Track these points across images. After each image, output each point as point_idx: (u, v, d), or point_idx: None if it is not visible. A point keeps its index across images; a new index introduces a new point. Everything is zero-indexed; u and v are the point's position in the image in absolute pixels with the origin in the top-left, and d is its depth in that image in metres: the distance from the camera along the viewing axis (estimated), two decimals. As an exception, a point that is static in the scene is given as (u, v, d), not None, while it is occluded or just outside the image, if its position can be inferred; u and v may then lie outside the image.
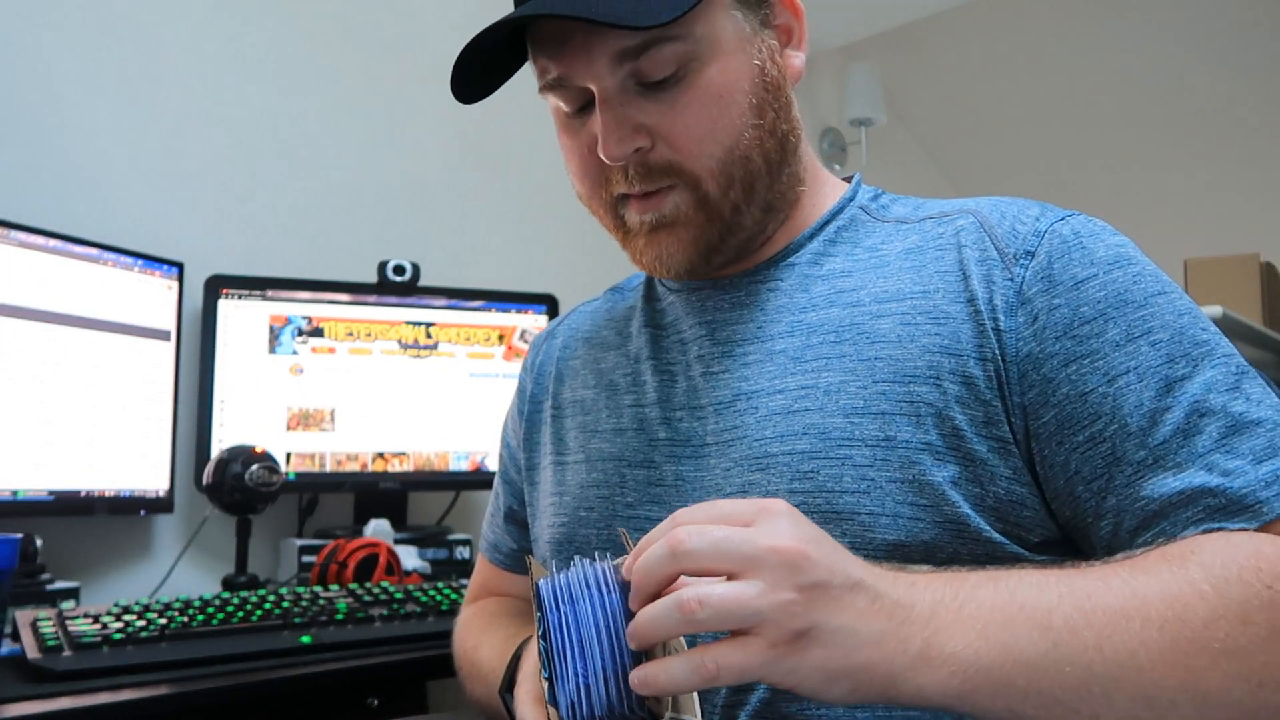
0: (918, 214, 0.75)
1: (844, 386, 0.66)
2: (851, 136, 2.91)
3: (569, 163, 0.74)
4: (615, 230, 0.74)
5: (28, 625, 0.97)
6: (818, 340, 0.69)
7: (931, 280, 0.68)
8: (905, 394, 0.64)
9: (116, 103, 1.50)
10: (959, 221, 0.70)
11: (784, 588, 0.49)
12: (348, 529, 1.55)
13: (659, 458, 0.74)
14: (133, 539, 1.47)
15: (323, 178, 1.73)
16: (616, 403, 0.79)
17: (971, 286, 0.66)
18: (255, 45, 1.67)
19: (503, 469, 0.93)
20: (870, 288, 0.70)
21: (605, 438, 0.78)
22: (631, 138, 0.67)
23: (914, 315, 0.67)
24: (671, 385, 0.76)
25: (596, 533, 0.75)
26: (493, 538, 0.94)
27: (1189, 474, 0.58)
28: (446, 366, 1.64)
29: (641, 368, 0.79)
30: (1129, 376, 0.61)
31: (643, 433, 0.75)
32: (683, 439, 0.73)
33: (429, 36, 1.89)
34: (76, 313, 1.29)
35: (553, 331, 0.93)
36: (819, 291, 0.72)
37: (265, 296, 1.53)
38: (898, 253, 0.71)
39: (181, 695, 0.89)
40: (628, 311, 0.85)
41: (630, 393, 0.79)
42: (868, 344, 0.67)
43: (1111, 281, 0.64)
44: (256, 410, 1.51)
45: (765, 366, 0.70)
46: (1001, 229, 0.68)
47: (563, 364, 0.87)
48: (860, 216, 0.77)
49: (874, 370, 0.66)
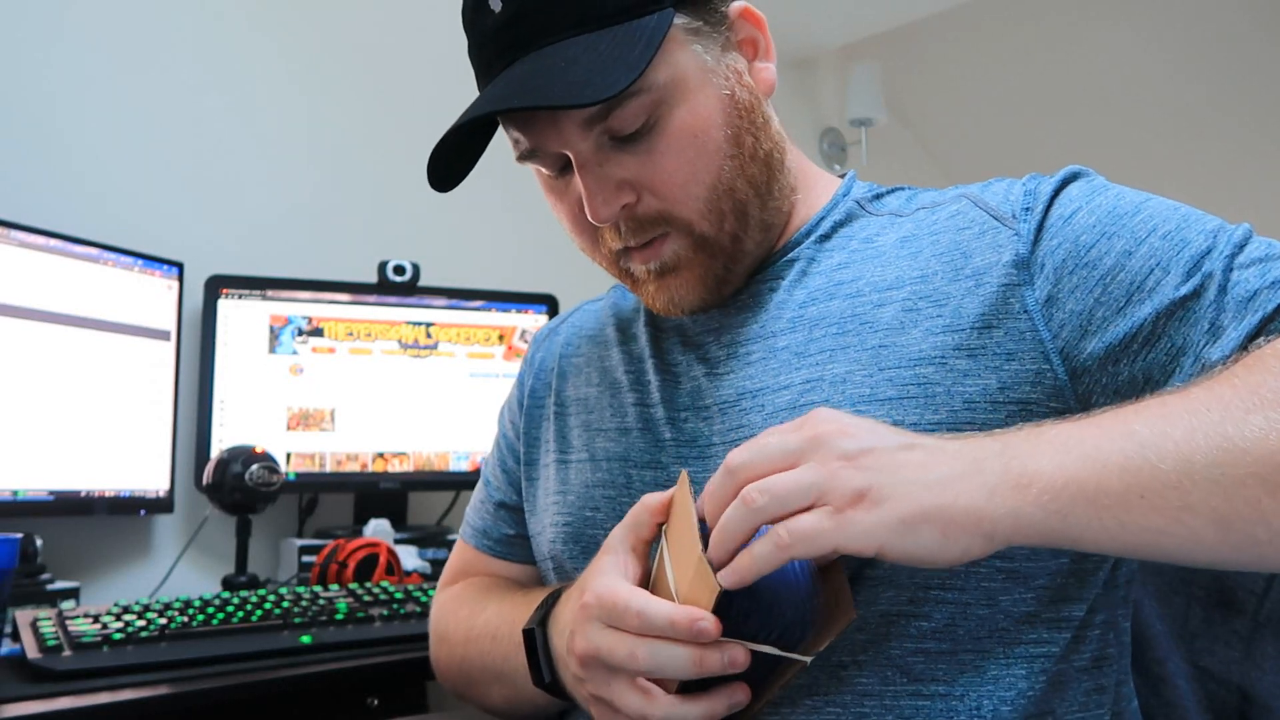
0: (911, 205, 0.75)
1: (850, 376, 0.65)
2: (851, 136, 2.91)
3: (561, 221, 0.75)
4: (623, 279, 0.75)
5: (28, 625, 0.96)
6: (820, 333, 0.69)
7: (929, 264, 0.68)
8: (912, 377, 0.64)
9: (116, 103, 1.50)
10: (952, 207, 0.71)
11: (831, 459, 0.51)
12: (348, 529, 1.55)
13: (665, 459, 0.73)
14: (133, 539, 1.47)
15: (323, 178, 1.73)
16: (620, 401, 0.78)
17: (974, 261, 0.66)
18: (256, 45, 1.67)
19: (498, 458, 0.92)
20: (869, 277, 0.70)
21: (610, 437, 0.77)
22: (616, 196, 0.67)
23: (915, 300, 0.67)
24: (675, 386, 0.75)
25: (604, 533, 0.73)
26: (481, 524, 0.91)
27: (1247, 319, 0.57)
28: (446, 366, 1.64)
29: (645, 367, 0.78)
30: (1156, 273, 0.60)
31: (648, 433, 0.75)
32: (688, 439, 0.72)
33: (429, 36, 1.89)
34: (76, 313, 1.29)
35: (555, 328, 0.92)
36: (817, 285, 0.72)
37: (265, 296, 1.53)
38: (892, 242, 0.71)
39: (181, 695, 0.89)
40: (632, 310, 0.85)
41: (634, 391, 0.78)
42: (870, 332, 0.67)
43: (1098, 206, 0.64)
44: (256, 410, 1.51)
45: (769, 363, 0.70)
46: (994, 200, 0.69)
47: (565, 361, 0.87)
48: (855, 211, 0.77)
49: (879, 358, 0.65)
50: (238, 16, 1.65)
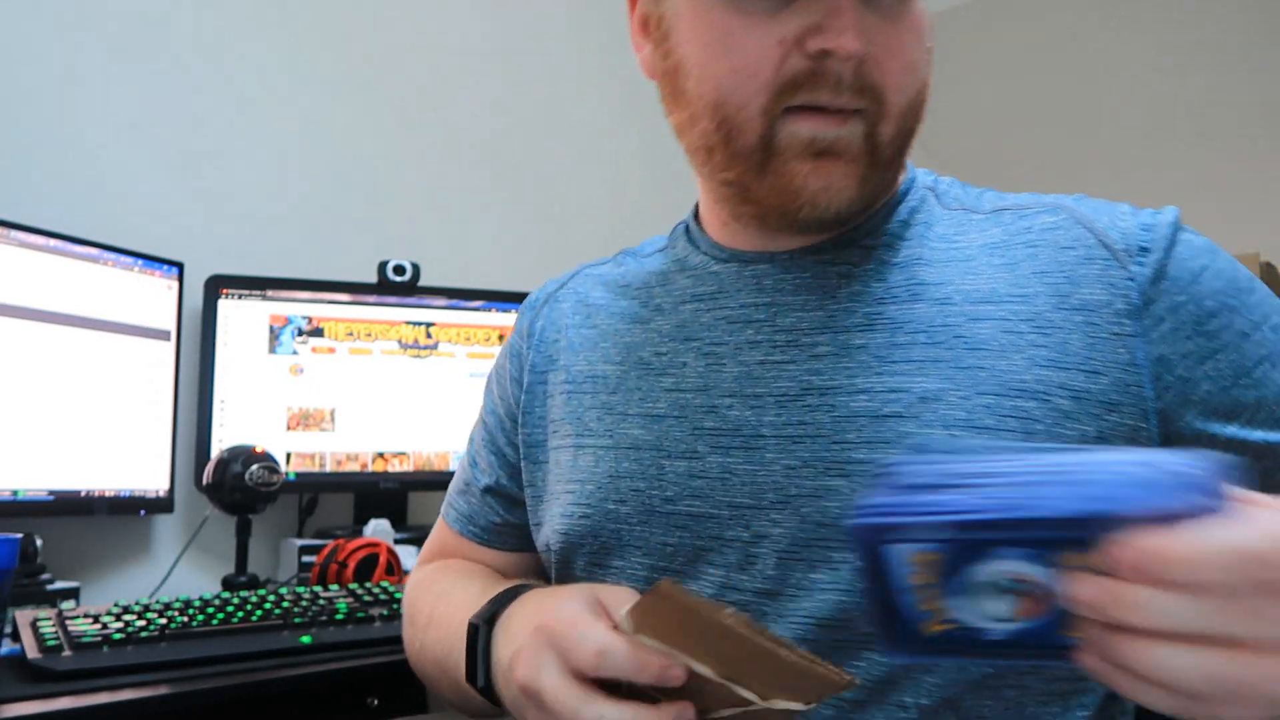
0: (983, 203, 0.70)
1: (942, 395, 0.60)
2: (851, 136, 2.90)
3: (721, 58, 0.62)
4: (752, 152, 0.63)
5: (28, 625, 0.96)
6: (905, 339, 0.63)
7: (1029, 283, 0.63)
8: (1012, 409, 0.59)
9: (116, 102, 1.50)
10: (1045, 218, 0.66)
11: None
12: (348, 529, 1.55)
13: (703, 447, 0.66)
14: (133, 539, 1.47)
15: (323, 178, 1.73)
16: (650, 385, 0.71)
17: (1082, 292, 0.62)
18: (256, 45, 1.67)
19: (486, 438, 0.84)
20: (957, 284, 0.64)
21: (637, 423, 0.70)
22: (866, 40, 0.60)
23: (1015, 322, 0.62)
24: (719, 369, 0.68)
25: (628, 528, 0.68)
26: (467, 509, 0.85)
27: None
28: (446, 366, 1.64)
29: (680, 347, 0.71)
30: (1264, 365, 0.60)
31: (684, 420, 0.68)
32: (732, 428, 0.66)
33: (429, 37, 1.89)
34: (76, 313, 1.29)
35: (554, 294, 0.83)
36: (897, 281, 0.66)
37: (265, 296, 1.53)
38: (979, 247, 0.66)
39: (181, 695, 0.89)
40: (652, 279, 0.77)
41: (667, 374, 0.70)
42: (966, 350, 0.62)
43: (1220, 271, 0.62)
44: (256, 410, 1.51)
45: (841, 361, 0.64)
46: (1101, 223, 0.64)
47: (573, 332, 0.79)
48: (928, 199, 0.71)
49: (976, 381, 0.60)
50: (238, 16, 1.65)
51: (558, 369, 0.78)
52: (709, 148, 0.65)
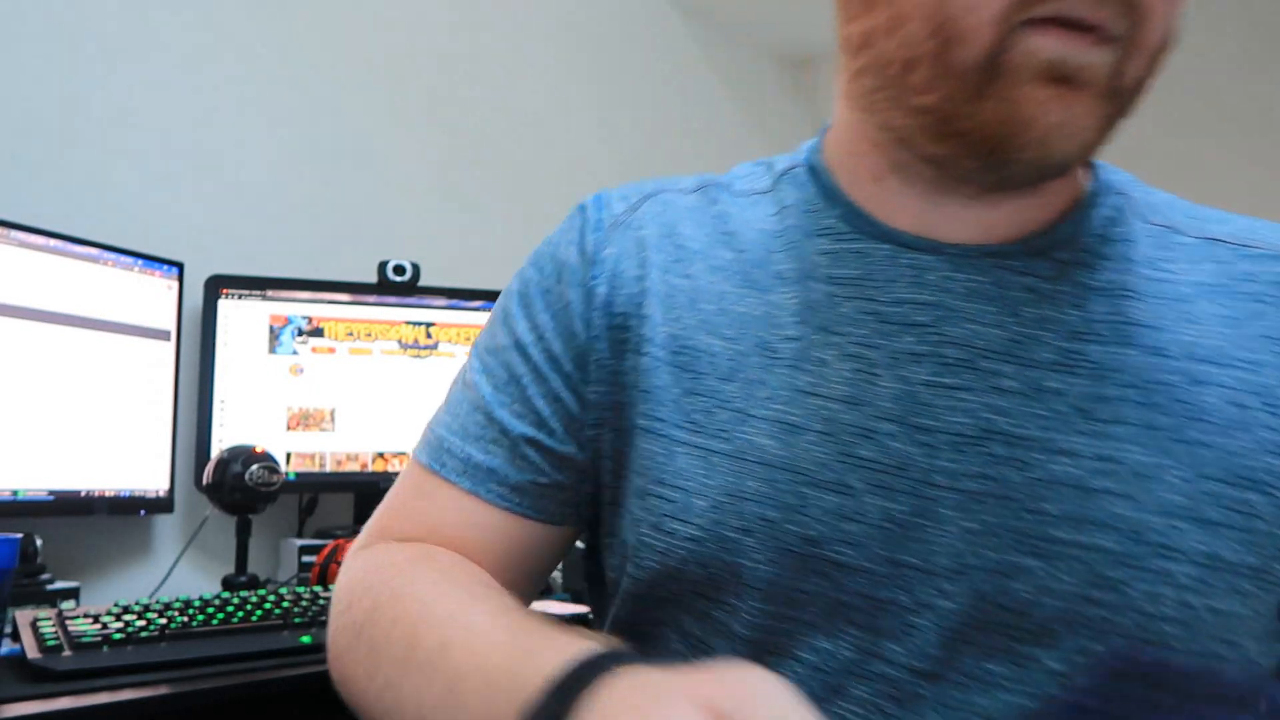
0: (1188, 222, 0.58)
1: (1159, 474, 0.50)
2: (851, 136, 2.91)
3: None
4: (971, 70, 0.48)
5: (28, 625, 0.96)
6: (1114, 392, 0.51)
7: (1258, 347, 0.53)
8: (1239, 502, 0.49)
9: (116, 102, 1.50)
10: (1275, 267, 0.55)
11: None
12: (348, 529, 1.55)
13: (857, 482, 0.52)
14: (133, 539, 1.47)
15: (323, 178, 1.73)
16: (779, 380, 0.55)
17: None
18: (255, 45, 1.67)
19: (530, 373, 0.61)
20: (1174, 332, 0.53)
21: (765, 429, 0.54)
22: None
23: (1244, 394, 0.51)
24: (871, 380, 0.53)
25: (751, 566, 0.53)
26: (486, 462, 0.61)
27: None
28: (446, 366, 1.64)
29: (816, 339, 0.55)
30: None
31: (830, 440, 0.53)
32: (895, 465, 0.51)
33: (429, 37, 1.89)
34: (76, 313, 1.29)
35: (626, 219, 0.63)
36: (1099, 312, 0.53)
37: (265, 296, 1.53)
38: (1193, 285, 0.55)
39: (181, 695, 0.89)
40: (767, 235, 0.60)
41: (802, 371, 0.55)
42: (1188, 420, 0.51)
43: None
44: (256, 410, 1.51)
45: (1032, 405, 0.51)
46: None
47: (660, 277, 0.59)
48: (1123, 206, 0.58)
49: (1198, 460, 0.50)
50: (238, 16, 1.65)
51: (644, 321, 0.59)
52: (910, 60, 0.50)
